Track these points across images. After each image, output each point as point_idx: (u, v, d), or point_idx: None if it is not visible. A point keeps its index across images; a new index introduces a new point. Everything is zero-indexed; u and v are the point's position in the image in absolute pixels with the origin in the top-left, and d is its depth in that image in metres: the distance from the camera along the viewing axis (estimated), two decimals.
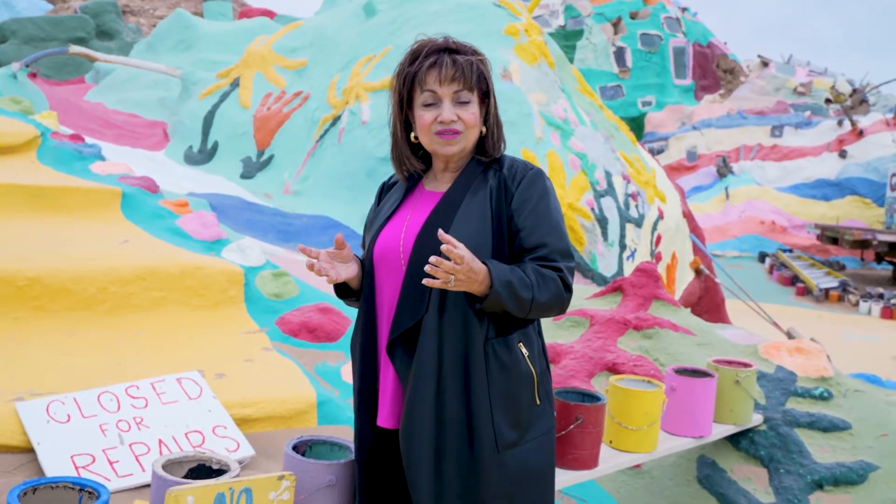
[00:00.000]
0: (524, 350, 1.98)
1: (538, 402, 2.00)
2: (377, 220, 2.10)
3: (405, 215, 2.05)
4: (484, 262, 1.87)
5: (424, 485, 1.91)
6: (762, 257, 23.76)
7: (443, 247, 1.77)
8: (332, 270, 1.99)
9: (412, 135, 2.06)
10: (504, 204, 1.98)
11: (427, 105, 1.98)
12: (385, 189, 2.20)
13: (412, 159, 2.07)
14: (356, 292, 2.10)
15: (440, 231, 1.79)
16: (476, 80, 2.00)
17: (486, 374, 1.91)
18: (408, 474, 1.93)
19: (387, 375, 2.02)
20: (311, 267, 1.96)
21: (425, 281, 1.80)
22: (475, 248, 1.90)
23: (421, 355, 1.92)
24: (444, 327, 1.91)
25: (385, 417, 2.01)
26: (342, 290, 2.11)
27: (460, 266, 1.79)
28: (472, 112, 1.99)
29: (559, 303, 1.95)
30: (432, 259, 1.78)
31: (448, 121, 1.96)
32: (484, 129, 2.04)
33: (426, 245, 1.92)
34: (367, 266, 2.06)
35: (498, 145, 2.06)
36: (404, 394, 1.94)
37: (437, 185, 2.07)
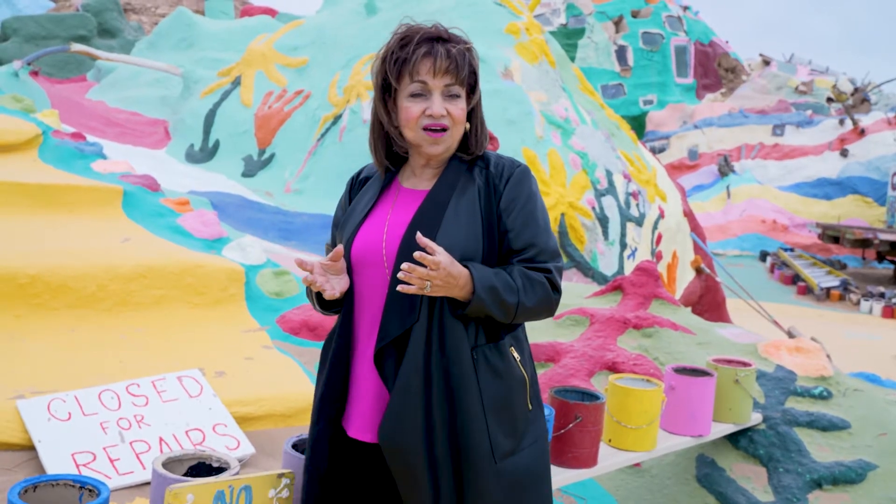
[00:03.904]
0: (516, 354, 1.90)
1: (530, 408, 1.92)
2: (352, 219, 1.96)
3: (384, 214, 1.93)
4: (466, 266, 1.79)
5: (419, 500, 1.81)
6: (763, 256, 23.75)
7: (416, 253, 1.70)
8: (328, 285, 1.85)
9: (393, 124, 1.93)
10: (493, 203, 1.89)
11: (414, 96, 1.86)
12: (355, 185, 2.07)
13: (403, 144, 1.94)
14: (339, 303, 1.95)
15: (418, 234, 1.73)
16: (468, 74, 1.89)
17: (478, 381, 1.82)
18: (401, 489, 1.83)
19: (367, 385, 1.89)
20: (307, 281, 1.84)
21: (400, 287, 1.73)
22: (466, 251, 1.83)
23: (408, 365, 1.81)
24: (434, 335, 1.81)
25: (362, 429, 1.89)
26: (326, 301, 1.96)
27: (436, 272, 1.72)
28: (461, 107, 1.89)
29: (547, 306, 1.88)
30: (404, 266, 1.71)
31: (438, 115, 1.85)
32: (468, 126, 1.93)
33: (413, 247, 1.79)
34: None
35: (482, 142, 1.95)
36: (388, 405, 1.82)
37: (417, 182, 1.96)
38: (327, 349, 1.96)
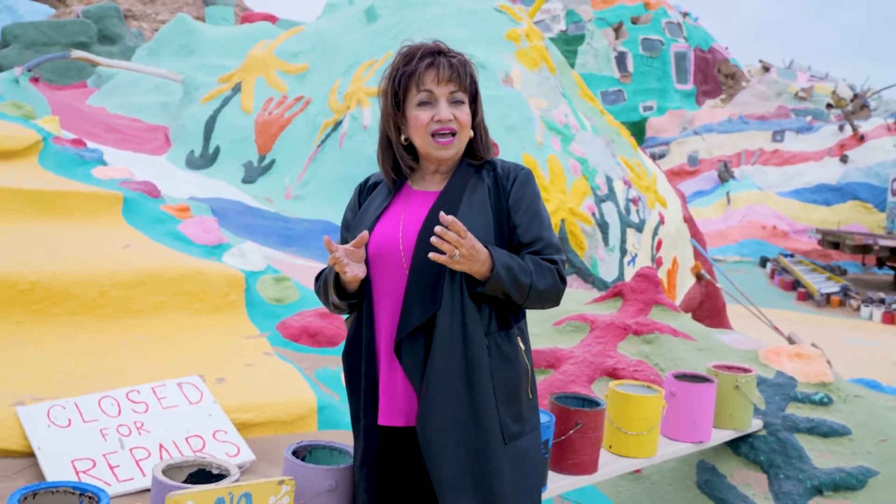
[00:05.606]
0: (521, 344, 2.04)
1: (530, 397, 2.06)
2: (366, 218, 2.08)
3: (398, 212, 2.04)
4: (485, 247, 1.92)
5: (449, 477, 1.91)
6: (763, 262, 23.77)
7: (448, 219, 1.81)
8: (348, 268, 1.96)
9: (402, 137, 2.07)
10: (502, 201, 2.04)
11: (422, 104, 2.01)
12: (364, 189, 2.19)
13: (407, 159, 2.07)
14: (352, 295, 2.07)
15: (442, 213, 1.83)
16: (469, 82, 2.04)
17: (490, 367, 1.95)
18: (431, 469, 1.92)
19: (392, 374, 2.00)
20: (332, 260, 1.95)
21: (431, 255, 1.84)
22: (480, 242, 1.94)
23: (437, 351, 1.92)
24: (457, 321, 1.93)
25: (391, 415, 1.99)
26: (342, 292, 2.08)
27: (465, 240, 1.84)
28: (466, 112, 2.03)
29: (555, 292, 2.02)
30: (437, 229, 1.82)
31: (446, 119, 1.99)
32: (471, 132, 2.07)
33: (431, 237, 1.90)
34: None
35: (487, 147, 2.11)
36: (421, 390, 1.94)
37: (427, 185, 2.08)
38: (355, 345, 2.07)
